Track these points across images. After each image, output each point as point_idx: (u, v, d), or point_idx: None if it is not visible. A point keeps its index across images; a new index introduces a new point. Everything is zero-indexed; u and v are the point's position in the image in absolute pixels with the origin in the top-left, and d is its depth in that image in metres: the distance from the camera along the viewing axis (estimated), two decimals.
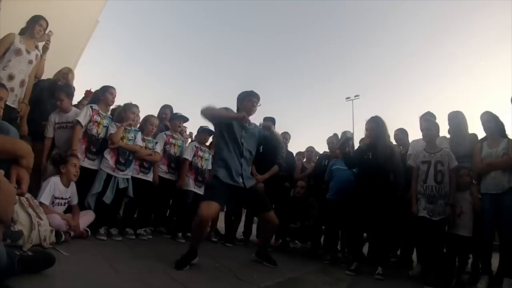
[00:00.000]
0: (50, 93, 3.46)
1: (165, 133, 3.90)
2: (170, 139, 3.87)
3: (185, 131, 5.04)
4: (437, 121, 3.64)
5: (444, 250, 3.13)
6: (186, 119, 4.25)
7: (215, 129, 2.89)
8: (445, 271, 2.97)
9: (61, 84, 3.50)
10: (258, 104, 2.90)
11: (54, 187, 2.68)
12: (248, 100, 2.87)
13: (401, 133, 4.10)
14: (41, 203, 2.46)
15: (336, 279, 2.86)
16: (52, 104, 3.40)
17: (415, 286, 2.91)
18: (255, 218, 5.17)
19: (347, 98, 23.06)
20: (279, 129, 4.91)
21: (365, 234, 3.63)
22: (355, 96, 22.72)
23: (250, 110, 2.86)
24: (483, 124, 3.24)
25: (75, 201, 2.88)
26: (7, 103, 2.63)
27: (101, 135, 3.28)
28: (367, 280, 2.96)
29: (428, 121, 3.45)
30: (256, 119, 2.98)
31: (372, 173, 3.25)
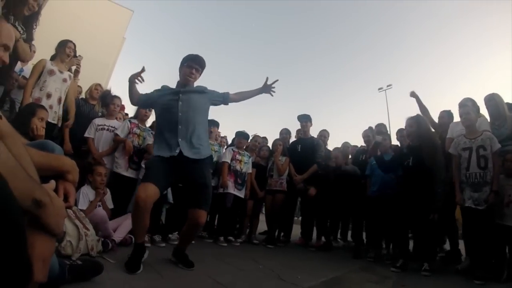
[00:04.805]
0: (103, 100, 3.92)
1: None
2: None
3: (219, 136, 5.02)
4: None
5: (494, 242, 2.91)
6: (217, 124, 4.33)
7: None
8: (495, 264, 2.79)
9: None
10: (199, 71, 2.53)
11: (87, 195, 2.86)
12: (187, 66, 2.49)
13: (447, 115, 3.86)
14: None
15: (381, 277, 2.76)
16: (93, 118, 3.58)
17: (463, 281, 2.74)
18: (296, 218, 5.07)
19: (379, 88, 22.22)
20: (315, 127, 4.85)
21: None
22: (387, 86, 21.82)
23: (188, 78, 2.48)
24: None
25: (109, 206, 3.02)
26: (48, 119, 2.80)
27: (143, 146, 3.43)
28: (414, 276, 2.83)
29: (464, 107, 3.22)
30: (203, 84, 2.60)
31: (413, 181, 3.14)
